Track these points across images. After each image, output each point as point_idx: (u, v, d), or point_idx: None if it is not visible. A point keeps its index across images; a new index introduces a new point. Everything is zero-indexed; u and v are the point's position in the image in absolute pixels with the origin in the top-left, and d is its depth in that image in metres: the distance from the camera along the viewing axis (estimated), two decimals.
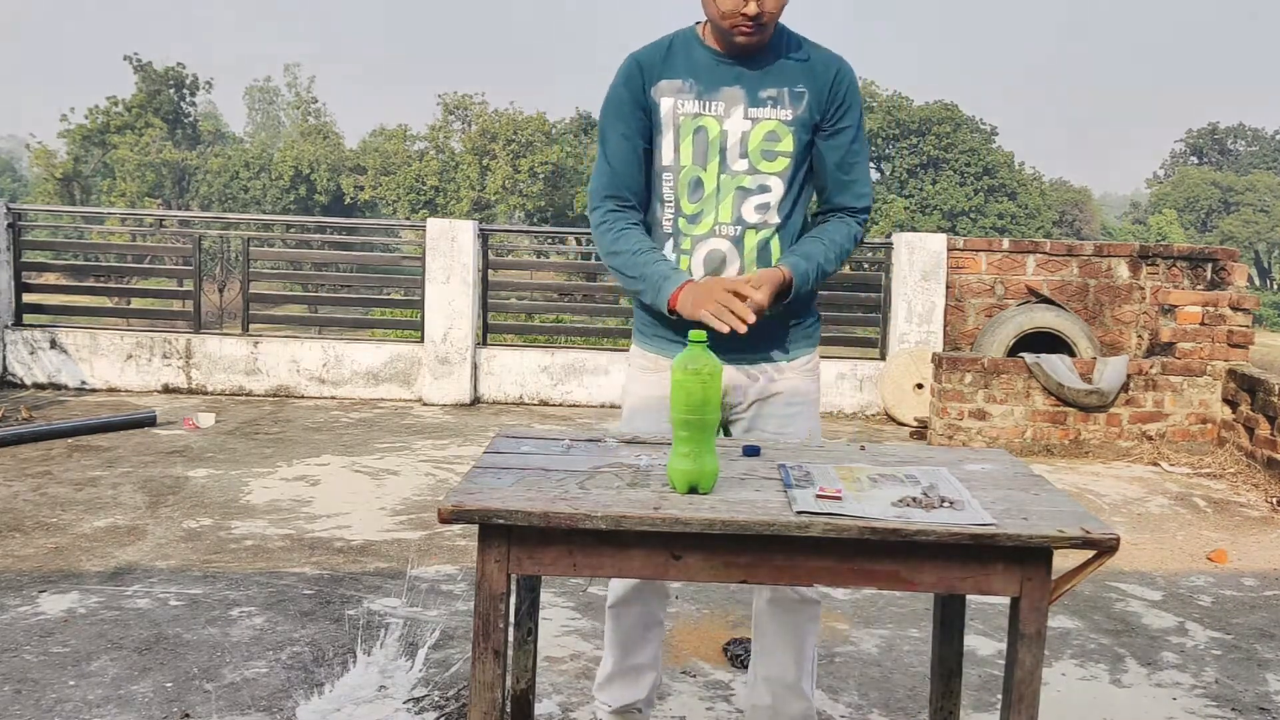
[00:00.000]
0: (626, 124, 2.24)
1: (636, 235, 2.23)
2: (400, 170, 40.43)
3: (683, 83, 2.20)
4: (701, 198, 2.22)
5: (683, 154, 2.22)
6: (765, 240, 2.23)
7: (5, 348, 7.40)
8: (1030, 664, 1.70)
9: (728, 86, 2.19)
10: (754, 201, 2.22)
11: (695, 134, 2.20)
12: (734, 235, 2.22)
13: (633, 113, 2.23)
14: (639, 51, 2.27)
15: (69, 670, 2.87)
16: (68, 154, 38.26)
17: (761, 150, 2.20)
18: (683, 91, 2.20)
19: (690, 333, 1.80)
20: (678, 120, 2.21)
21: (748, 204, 2.22)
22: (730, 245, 2.22)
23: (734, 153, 2.21)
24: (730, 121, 2.19)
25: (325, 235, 10.04)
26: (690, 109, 2.20)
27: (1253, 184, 50.14)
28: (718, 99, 2.20)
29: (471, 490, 1.74)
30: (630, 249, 2.21)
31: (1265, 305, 38.41)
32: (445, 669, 2.97)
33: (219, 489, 4.84)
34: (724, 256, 2.22)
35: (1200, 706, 2.93)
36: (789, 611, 2.34)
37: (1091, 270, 7.35)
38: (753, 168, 2.21)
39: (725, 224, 2.22)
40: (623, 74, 2.25)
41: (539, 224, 40.08)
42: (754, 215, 2.22)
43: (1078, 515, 1.73)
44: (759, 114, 2.19)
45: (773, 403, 2.31)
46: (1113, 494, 5.36)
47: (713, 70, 2.20)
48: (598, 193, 2.28)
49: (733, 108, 2.19)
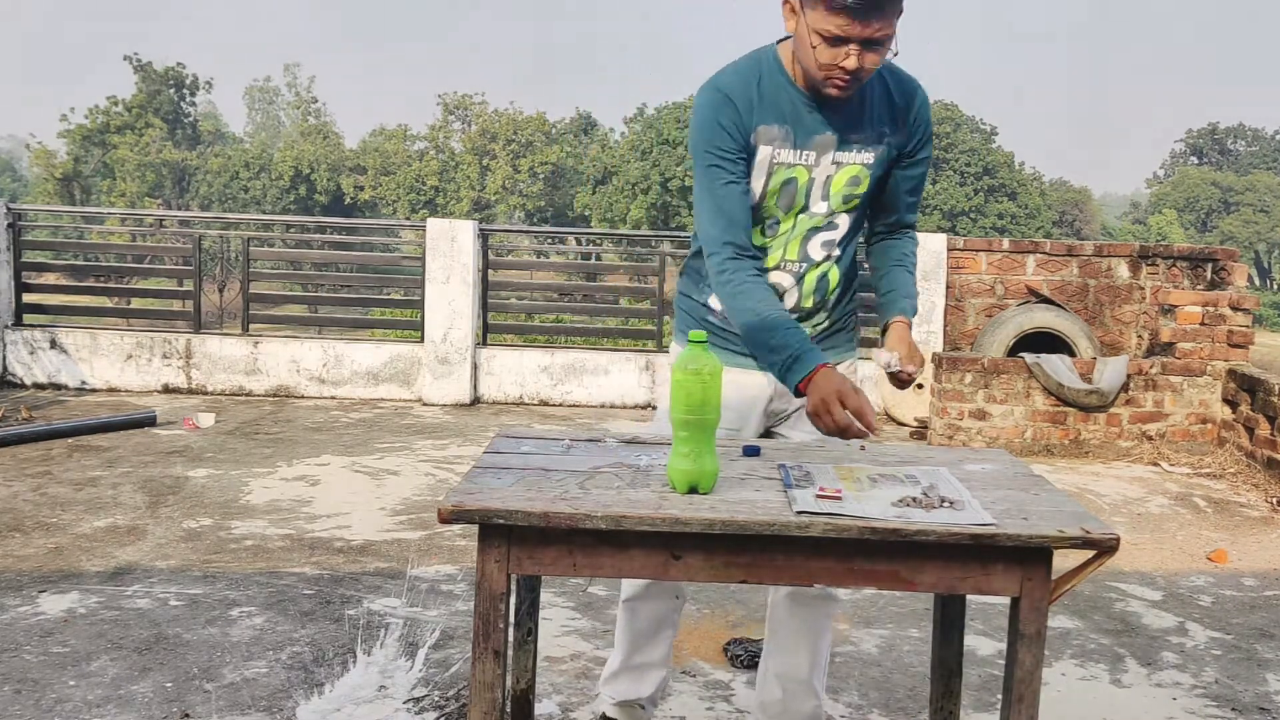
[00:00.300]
0: (734, 166, 2.13)
1: (761, 292, 2.11)
2: (400, 170, 40.45)
3: (779, 129, 2.13)
4: (775, 235, 2.21)
5: (767, 197, 2.17)
6: (824, 273, 2.25)
7: (5, 348, 7.40)
8: (1030, 664, 1.69)
9: (819, 134, 2.14)
10: (822, 238, 2.23)
11: (785, 183, 2.16)
12: (798, 272, 2.23)
13: (737, 156, 2.13)
14: (728, 84, 2.14)
15: (69, 670, 2.87)
16: (68, 154, 38.29)
17: (843, 195, 2.20)
18: (778, 139, 2.13)
19: (690, 333, 1.80)
20: (771, 168, 2.15)
21: (815, 241, 2.22)
22: (793, 280, 2.23)
23: (816, 196, 2.18)
24: (819, 169, 2.16)
25: (325, 235, 10.04)
26: (785, 159, 2.15)
27: (1253, 184, 50.15)
28: (810, 148, 2.15)
29: (471, 490, 1.74)
30: (756, 309, 2.09)
31: (1265, 305, 38.40)
32: (445, 669, 2.97)
33: (219, 489, 4.84)
34: (784, 290, 2.24)
35: (1200, 706, 2.93)
36: (807, 606, 2.34)
37: (1091, 270, 7.35)
38: (830, 210, 2.21)
39: (791, 260, 2.22)
40: (720, 112, 2.12)
41: (539, 224, 40.09)
42: (819, 252, 2.23)
43: (1078, 515, 1.73)
44: (845, 158, 2.17)
45: None
46: (1113, 494, 5.36)
47: (805, 117, 2.13)
48: (715, 240, 2.14)
49: (823, 155, 2.16)
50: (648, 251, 8.98)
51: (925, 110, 2.22)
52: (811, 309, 2.27)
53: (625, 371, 7.48)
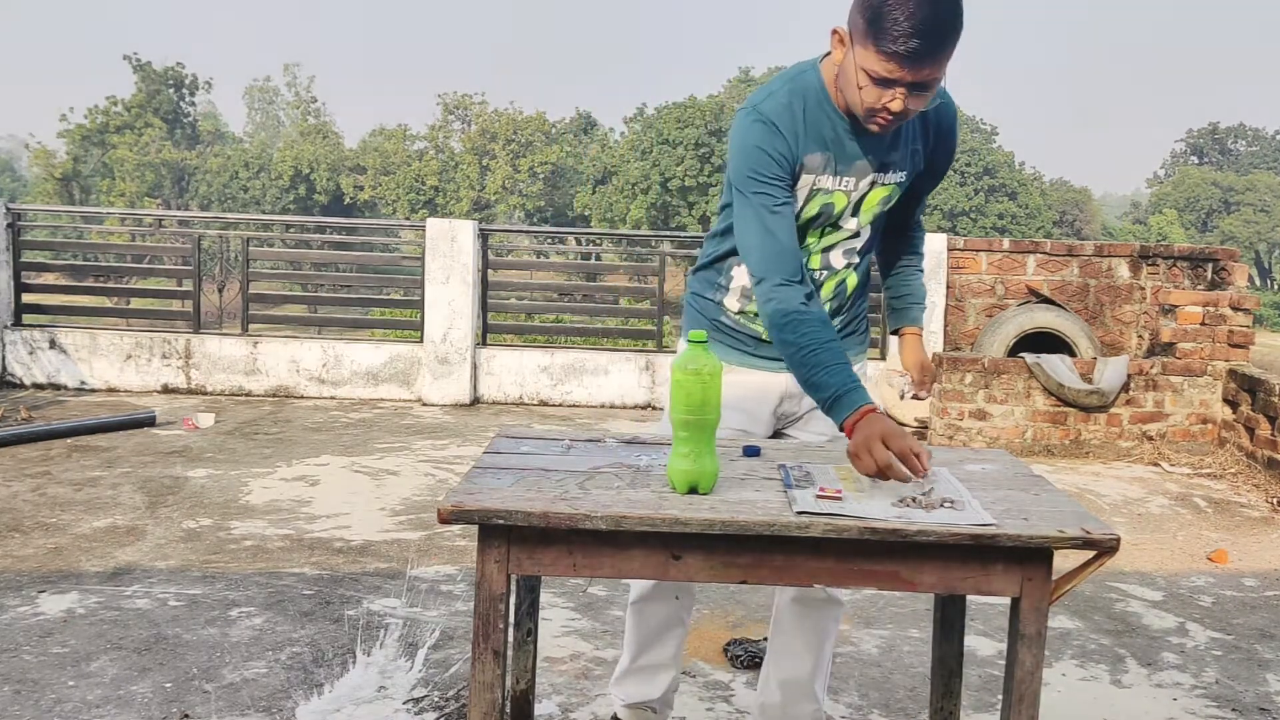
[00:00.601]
0: (783, 193, 2.10)
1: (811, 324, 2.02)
2: (400, 170, 40.45)
3: (821, 157, 2.12)
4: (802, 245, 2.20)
5: (804, 217, 2.16)
6: (843, 280, 2.26)
7: (4, 348, 7.40)
8: (1030, 664, 1.69)
9: (859, 160, 2.13)
10: (844, 247, 2.23)
11: (823, 207, 2.16)
12: (819, 279, 2.23)
13: (786, 184, 2.10)
14: (773, 113, 2.10)
15: (68, 670, 2.87)
16: (67, 154, 38.29)
17: (874, 213, 2.20)
18: (819, 167, 2.12)
19: (690, 333, 1.80)
20: (811, 194, 2.15)
21: (837, 250, 2.23)
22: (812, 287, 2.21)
23: (847, 214, 2.19)
24: (855, 192, 2.17)
25: (325, 235, 10.03)
26: (827, 185, 2.14)
27: (1253, 184, 50.15)
28: (850, 174, 2.14)
29: (471, 490, 1.74)
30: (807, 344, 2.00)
31: (1266, 305, 38.40)
32: (445, 669, 2.96)
33: (219, 489, 4.84)
34: None
35: (1200, 707, 2.92)
36: (813, 610, 2.33)
37: (1092, 270, 7.35)
38: (859, 226, 2.21)
39: (813, 270, 2.22)
40: (766, 141, 2.09)
41: (539, 224, 40.09)
42: (840, 260, 2.23)
43: (1078, 515, 1.72)
44: (882, 180, 2.17)
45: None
46: (1113, 494, 5.36)
47: (846, 144, 2.12)
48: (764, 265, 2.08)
49: (862, 179, 2.16)
50: (648, 251, 8.98)
51: (956, 123, 2.24)
52: (829, 314, 2.27)
53: (625, 372, 7.48)
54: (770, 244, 2.08)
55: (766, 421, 2.32)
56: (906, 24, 1.83)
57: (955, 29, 1.88)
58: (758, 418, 2.30)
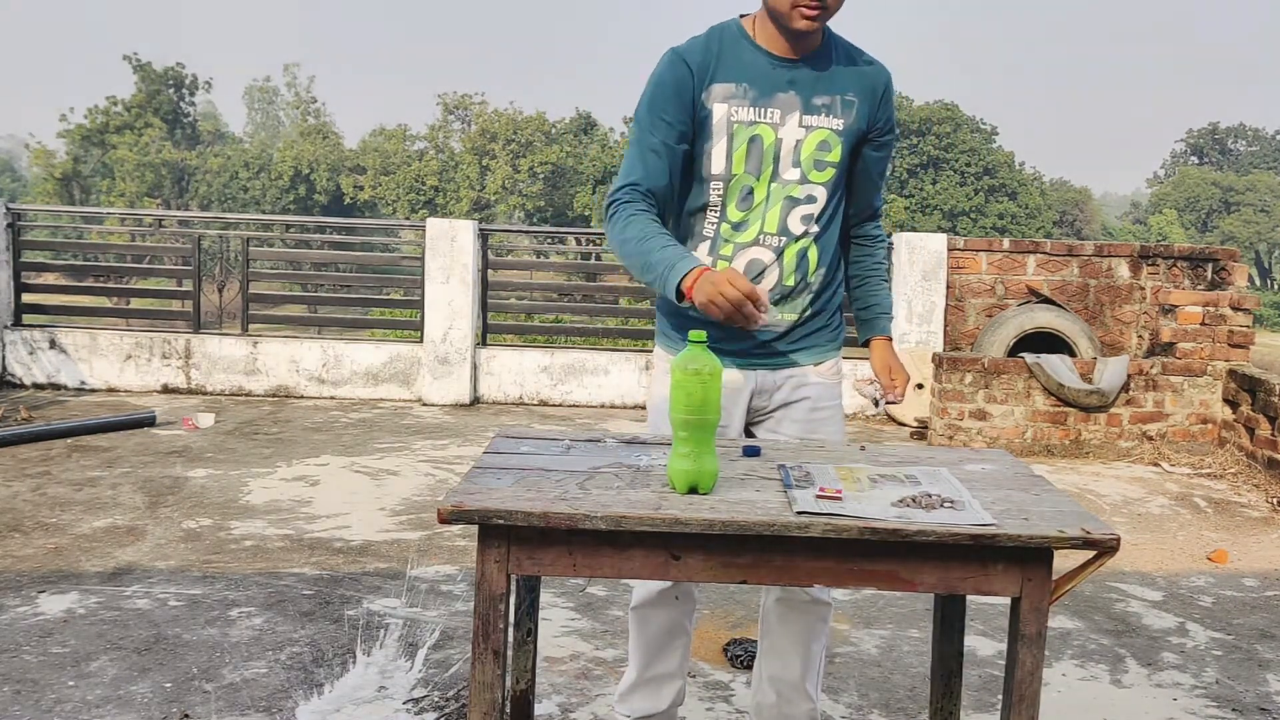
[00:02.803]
0: (670, 129, 2.12)
1: (645, 221, 2.09)
2: (400, 170, 40.44)
3: (736, 87, 2.11)
4: (750, 206, 2.18)
5: (735, 162, 2.14)
6: (804, 250, 2.22)
7: (5, 348, 7.40)
8: (1031, 664, 1.69)
9: (782, 92, 2.12)
10: (800, 212, 2.19)
11: (750, 143, 2.12)
12: (777, 246, 2.19)
13: (678, 118, 2.12)
14: (684, 48, 2.15)
15: (68, 670, 2.87)
16: (67, 154, 38.28)
17: (814, 160, 2.16)
18: (736, 97, 2.11)
19: (690, 333, 1.79)
20: (731, 128, 2.12)
21: (794, 214, 2.19)
22: (772, 255, 2.20)
23: (786, 161, 2.15)
24: (785, 129, 2.13)
25: (325, 235, 10.03)
26: (745, 116, 2.12)
27: (1253, 184, 50.15)
28: (773, 105, 2.12)
29: (471, 490, 1.74)
30: (637, 235, 2.07)
31: (1266, 305, 38.41)
32: (445, 669, 2.96)
33: (218, 489, 4.84)
34: (765, 266, 2.20)
35: (1200, 707, 2.92)
36: (798, 611, 2.32)
37: (1092, 270, 7.35)
38: (804, 177, 2.17)
39: (770, 234, 2.19)
40: (669, 73, 2.13)
41: (539, 224, 40.08)
42: (799, 226, 2.20)
43: (1078, 515, 1.72)
44: (813, 122, 2.14)
45: (798, 407, 2.30)
46: (1113, 494, 5.36)
47: (767, 75, 2.12)
48: (618, 185, 2.15)
49: (788, 115, 2.13)
50: None
51: (891, 91, 2.23)
52: (794, 288, 2.23)
53: (625, 371, 7.48)
54: (633, 171, 2.14)
55: (741, 417, 2.31)
56: None
57: None
58: (732, 413, 2.28)
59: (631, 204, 2.12)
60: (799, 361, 2.29)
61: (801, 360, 2.29)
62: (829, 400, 2.34)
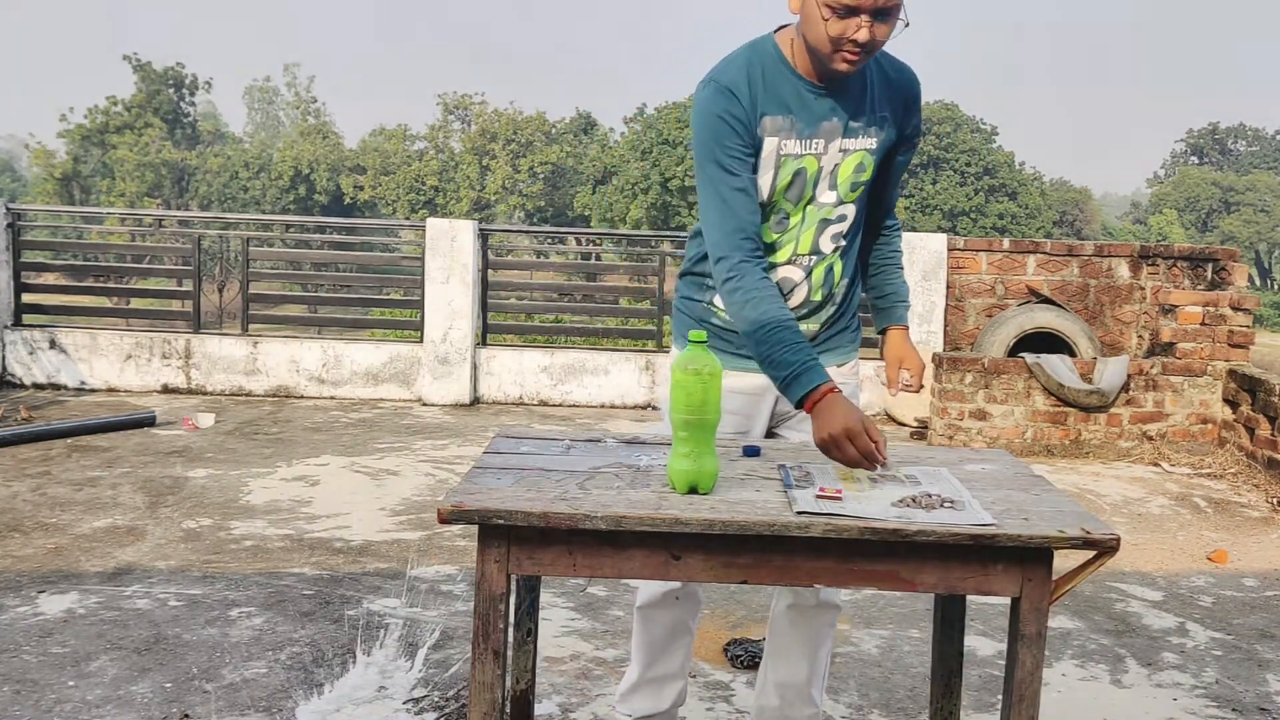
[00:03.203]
0: (744, 163, 2.08)
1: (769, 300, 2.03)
2: (400, 170, 40.43)
3: (783, 119, 2.09)
4: (785, 229, 2.17)
5: (777, 191, 2.13)
6: (830, 265, 2.23)
7: (5, 348, 7.40)
8: (1031, 664, 1.69)
9: (826, 121, 2.11)
10: (832, 231, 2.20)
11: (795, 174, 2.12)
12: (807, 265, 2.21)
13: (745, 151, 2.08)
14: (728, 79, 2.09)
15: (68, 670, 2.87)
16: (67, 154, 38.28)
17: (851, 182, 2.17)
18: (784, 130, 2.09)
19: (690, 333, 1.80)
20: (779, 161, 2.11)
21: (826, 234, 2.20)
22: (802, 274, 2.21)
23: (824, 185, 2.15)
24: (827, 157, 2.13)
25: (325, 235, 10.03)
26: (794, 149, 2.10)
27: (1253, 184, 50.14)
28: (818, 136, 2.11)
29: (471, 490, 1.74)
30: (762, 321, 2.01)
31: (1266, 305, 38.40)
32: (445, 669, 2.96)
33: (218, 489, 4.84)
34: (794, 285, 2.21)
35: (1200, 707, 2.92)
36: (807, 615, 2.33)
37: (1092, 270, 7.35)
38: (839, 199, 2.18)
39: (802, 255, 2.20)
40: (725, 109, 2.07)
41: (539, 224, 40.08)
42: (829, 245, 2.21)
43: (1078, 515, 1.72)
44: (851, 145, 2.14)
45: None
46: (1113, 494, 5.36)
47: (810, 105, 2.10)
48: (723, 244, 2.08)
49: (830, 143, 2.12)
50: (648, 251, 8.99)
51: (919, 101, 2.23)
52: (820, 302, 2.25)
53: (625, 371, 7.48)
54: (728, 220, 2.07)
55: (764, 421, 2.31)
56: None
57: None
58: (755, 420, 2.29)
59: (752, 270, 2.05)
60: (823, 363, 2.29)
61: (825, 362, 2.29)
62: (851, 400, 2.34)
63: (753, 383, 2.24)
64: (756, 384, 2.25)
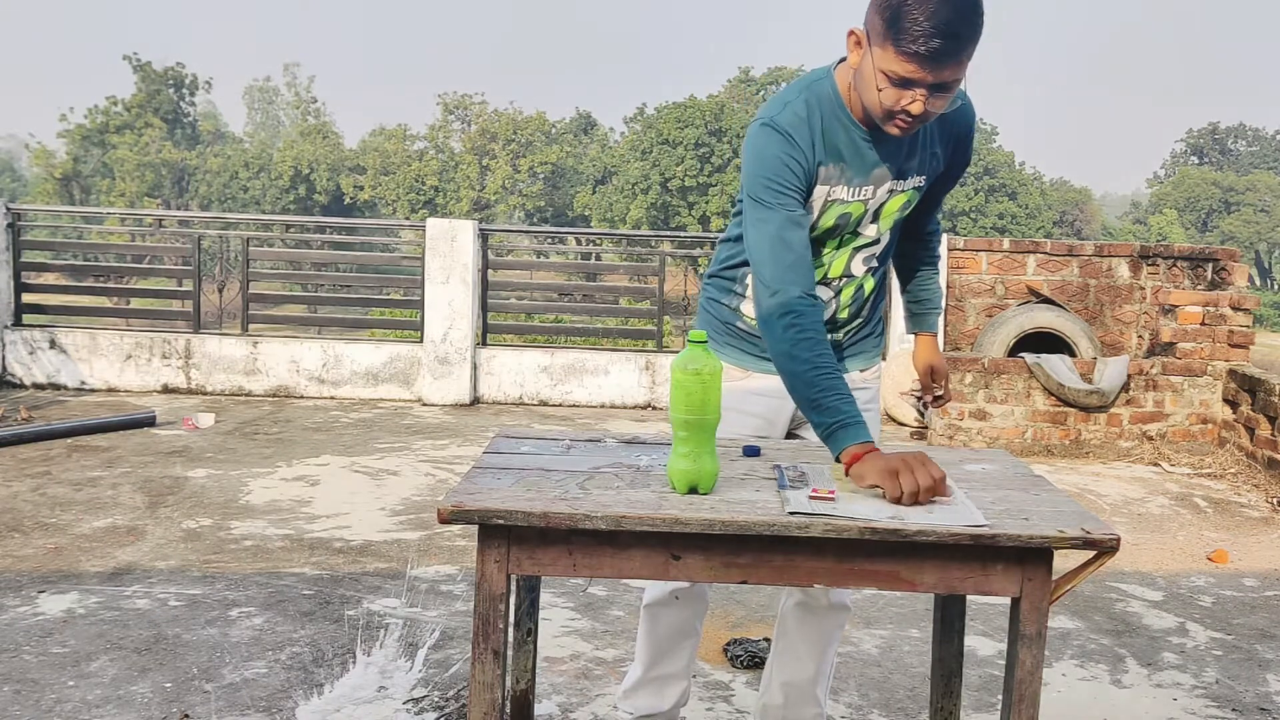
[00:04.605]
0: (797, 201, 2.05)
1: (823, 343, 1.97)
2: (400, 170, 40.43)
3: (835, 168, 2.08)
4: (820, 255, 2.17)
5: (820, 228, 2.13)
6: (861, 284, 2.24)
7: (5, 348, 7.40)
8: (1031, 664, 1.69)
9: (877, 168, 2.09)
10: (864, 254, 2.20)
11: (840, 216, 2.12)
12: (837, 287, 2.21)
13: (802, 194, 2.06)
14: (789, 125, 2.05)
15: (68, 670, 2.87)
16: (67, 154, 38.29)
17: (894, 219, 2.18)
18: (835, 178, 2.09)
19: (690, 333, 1.80)
20: (825, 206, 2.11)
21: (859, 258, 2.20)
22: (831, 293, 2.21)
23: (866, 221, 2.16)
24: (874, 200, 2.13)
25: (325, 235, 10.03)
26: (842, 195, 2.10)
27: (1253, 184, 50.14)
28: (868, 184, 2.10)
29: (471, 490, 1.74)
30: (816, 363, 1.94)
31: (1266, 305, 38.41)
32: (445, 669, 2.96)
33: (218, 489, 4.84)
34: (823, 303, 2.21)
35: (1201, 707, 2.92)
36: (816, 615, 2.33)
37: (1092, 270, 7.35)
38: (879, 233, 2.18)
39: (834, 278, 2.20)
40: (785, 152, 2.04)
41: (539, 224, 40.09)
42: (860, 267, 2.21)
43: (1078, 515, 1.72)
44: (899, 186, 2.13)
45: None
46: (1113, 494, 5.36)
47: (864, 153, 2.08)
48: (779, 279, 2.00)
49: (879, 188, 2.12)
50: (648, 251, 8.98)
51: (974, 131, 2.22)
52: (848, 319, 2.26)
53: (625, 371, 7.48)
54: (786, 256, 2.01)
55: (785, 423, 2.32)
56: (927, 24, 1.79)
57: (976, 28, 1.84)
58: (776, 424, 2.30)
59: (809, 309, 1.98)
60: (846, 368, 2.29)
61: (849, 366, 2.31)
62: (870, 403, 2.35)
63: (778, 384, 2.22)
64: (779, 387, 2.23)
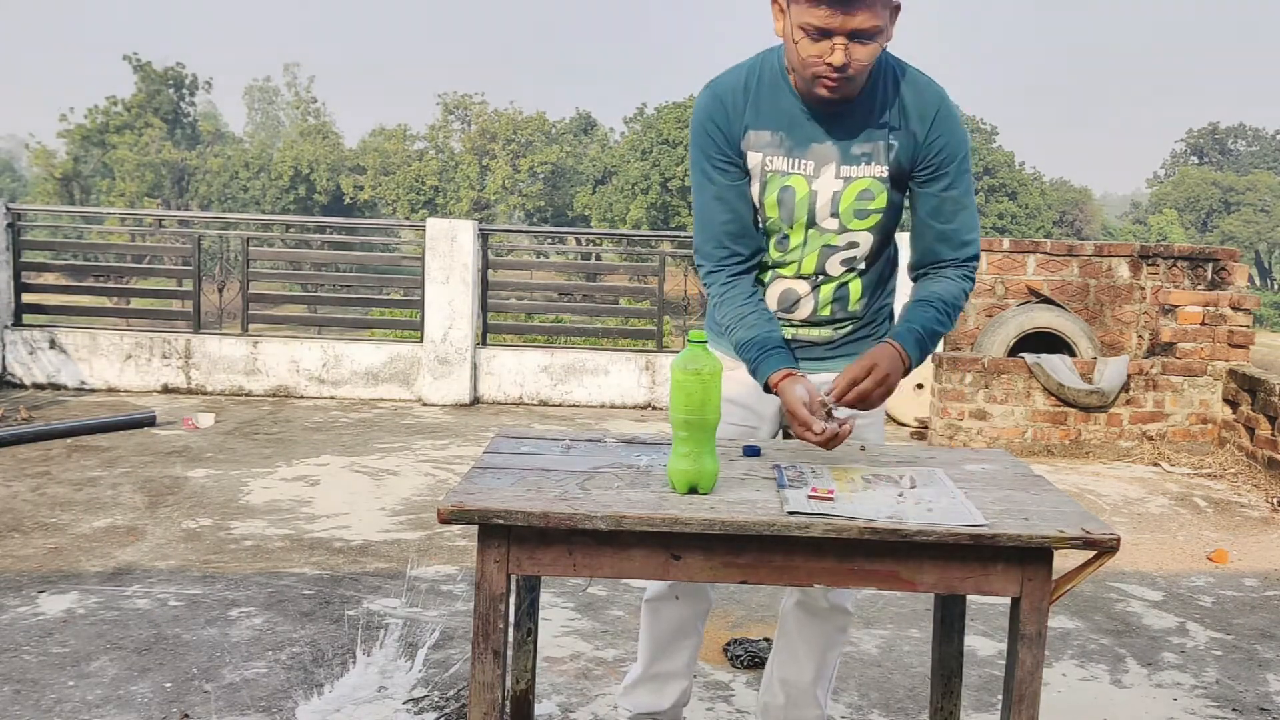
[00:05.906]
0: (721, 174, 2.06)
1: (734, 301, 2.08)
2: (400, 170, 40.44)
3: (771, 135, 2.03)
4: (787, 249, 2.12)
5: (768, 208, 2.08)
6: (844, 283, 2.16)
7: (5, 348, 7.40)
8: (1031, 664, 1.69)
9: (818, 143, 2.02)
10: (839, 256, 2.12)
11: (782, 192, 2.05)
12: (814, 284, 2.15)
13: (726, 161, 2.06)
14: (721, 87, 2.06)
15: (68, 670, 2.87)
16: (67, 154, 38.28)
17: (854, 210, 2.06)
18: (771, 146, 2.03)
19: (690, 333, 1.80)
20: (765, 176, 2.06)
21: (833, 259, 2.12)
22: (809, 288, 2.16)
23: (823, 212, 2.06)
24: (820, 181, 2.03)
25: (325, 235, 10.03)
26: (779, 166, 2.04)
27: (1253, 184, 50.13)
28: (806, 157, 2.03)
29: (471, 490, 1.74)
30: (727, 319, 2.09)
31: (1266, 305, 38.39)
32: (445, 669, 2.96)
33: (218, 489, 4.84)
34: (799, 297, 2.16)
35: (1201, 707, 2.92)
36: (818, 618, 2.32)
37: (1092, 270, 7.35)
38: (843, 227, 2.08)
39: (808, 275, 2.14)
40: (708, 116, 2.05)
41: (539, 224, 40.08)
42: (838, 268, 2.14)
43: (1078, 515, 1.72)
44: (852, 172, 2.03)
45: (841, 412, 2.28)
46: (1113, 494, 5.36)
47: (801, 124, 2.01)
48: (700, 249, 2.13)
49: (823, 167, 2.03)
50: (648, 251, 8.98)
51: (945, 121, 2.04)
52: (830, 317, 2.19)
53: (625, 371, 7.48)
54: (705, 226, 2.13)
55: (772, 419, 2.28)
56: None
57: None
58: (762, 415, 2.26)
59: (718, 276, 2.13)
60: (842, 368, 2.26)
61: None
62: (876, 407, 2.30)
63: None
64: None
